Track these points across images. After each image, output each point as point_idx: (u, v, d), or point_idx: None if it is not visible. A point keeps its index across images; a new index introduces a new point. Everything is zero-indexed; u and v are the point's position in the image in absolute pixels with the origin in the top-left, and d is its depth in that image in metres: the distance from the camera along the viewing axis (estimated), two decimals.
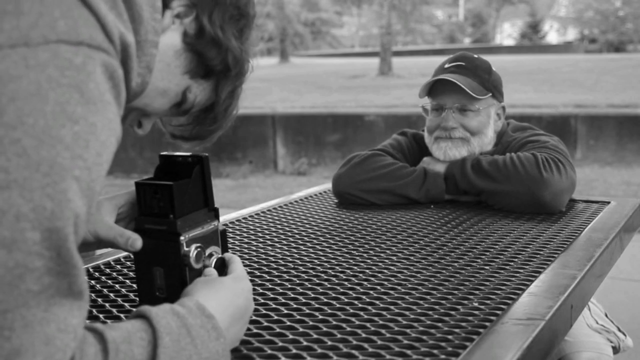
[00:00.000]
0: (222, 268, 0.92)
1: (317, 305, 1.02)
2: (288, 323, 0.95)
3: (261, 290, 1.10)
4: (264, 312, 1.00)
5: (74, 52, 0.63)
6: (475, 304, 1.00)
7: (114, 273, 1.22)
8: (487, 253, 1.28)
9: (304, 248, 1.36)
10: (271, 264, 1.26)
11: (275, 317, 0.98)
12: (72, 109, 0.61)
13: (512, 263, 1.21)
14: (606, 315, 1.65)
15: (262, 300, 1.05)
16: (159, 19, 0.81)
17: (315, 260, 1.26)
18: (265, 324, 0.95)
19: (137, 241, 0.89)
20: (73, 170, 0.60)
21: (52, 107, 0.60)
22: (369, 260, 1.25)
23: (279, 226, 1.56)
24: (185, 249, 0.89)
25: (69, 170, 0.60)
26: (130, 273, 1.21)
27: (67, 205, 0.60)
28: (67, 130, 0.61)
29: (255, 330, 0.92)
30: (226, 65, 0.88)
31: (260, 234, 1.49)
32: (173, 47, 0.85)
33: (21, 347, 0.56)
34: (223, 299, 0.81)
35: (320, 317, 0.97)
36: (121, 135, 0.69)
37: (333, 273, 1.18)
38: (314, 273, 1.19)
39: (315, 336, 0.90)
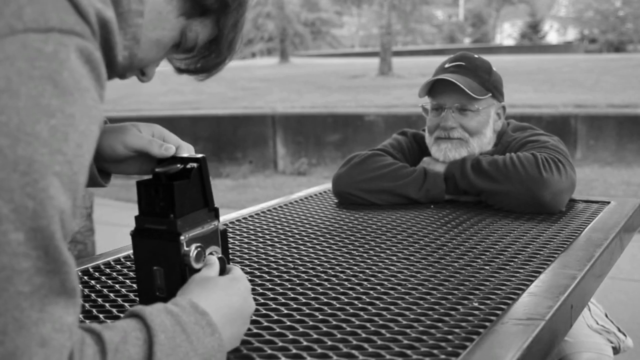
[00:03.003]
0: (223, 268, 0.92)
1: (317, 306, 1.02)
2: (288, 323, 0.95)
3: (261, 290, 1.10)
4: (264, 312, 1.00)
5: (43, 40, 0.60)
6: (475, 304, 1.00)
7: (114, 273, 1.22)
8: (487, 253, 1.28)
9: (304, 248, 1.36)
10: (271, 264, 1.26)
11: (275, 317, 0.98)
12: (47, 102, 0.59)
13: (512, 263, 1.21)
14: (606, 316, 1.65)
15: (262, 300, 1.05)
16: None
17: (315, 260, 1.26)
18: (265, 324, 0.95)
19: (170, 148, 0.89)
20: (53, 166, 0.59)
21: (24, 102, 0.58)
22: (369, 260, 1.25)
23: (279, 226, 1.56)
24: (186, 248, 0.89)
25: (49, 166, 0.58)
26: (130, 273, 1.21)
27: (50, 202, 0.58)
28: (43, 125, 0.58)
29: (255, 330, 0.92)
30: (223, 1, 0.85)
31: (260, 234, 1.49)
32: None
33: (16, 350, 0.55)
34: (216, 298, 0.80)
35: (320, 317, 0.97)
36: (103, 120, 0.67)
37: (333, 273, 1.18)
38: (314, 273, 1.19)
39: (315, 336, 0.90)
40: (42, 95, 0.59)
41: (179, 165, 0.91)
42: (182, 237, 0.88)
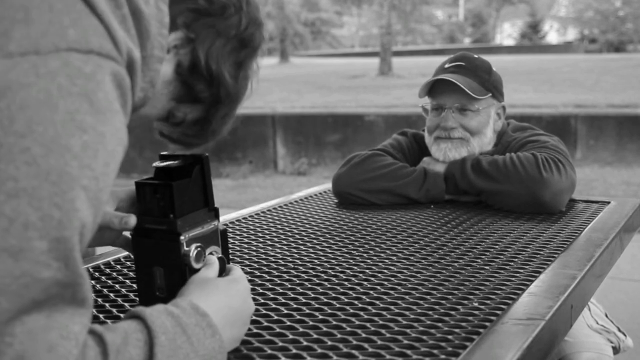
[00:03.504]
0: (222, 268, 0.92)
1: (317, 305, 1.02)
2: (288, 323, 0.95)
3: (261, 290, 1.10)
4: (264, 312, 1.00)
5: (84, 60, 0.63)
6: (475, 304, 1.00)
7: (114, 273, 1.22)
8: (487, 253, 1.28)
9: (304, 248, 1.36)
10: (271, 264, 1.26)
11: (275, 317, 0.98)
12: (82, 118, 0.62)
13: (512, 263, 1.21)
14: (606, 316, 1.65)
15: (262, 300, 1.05)
16: (166, 35, 0.81)
17: (315, 260, 1.26)
18: (265, 324, 0.95)
19: (130, 218, 0.89)
20: (81, 179, 0.61)
21: (61, 116, 0.60)
22: (369, 260, 1.25)
23: (279, 226, 1.56)
24: (186, 248, 0.89)
25: (77, 179, 0.61)
26: (130, 273, 1.21)
27: (75, 214, 0.60)
28: (76, 139, 0.61)
29: (255, 330, 0.92)
30: (217, 98, 0.88)
31: (260, 234, 1.49)
32: (163, 77, 0.84)
33: (25, 354, 0.56)
34: (216, 300, 0.81)
35: (320, 317, 0.97)
36: (127, 144, 0.70)
37: (333, 273, 1.18)
38: (314, 273, 1.19)
39: (315, 336, 0.90)
40: (78, 111, 0.62)
41: (178, 162, 0.91)
42: (182, 237, 0.88)
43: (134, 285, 1.12)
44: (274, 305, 1.03)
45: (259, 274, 1.20)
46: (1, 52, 0.61)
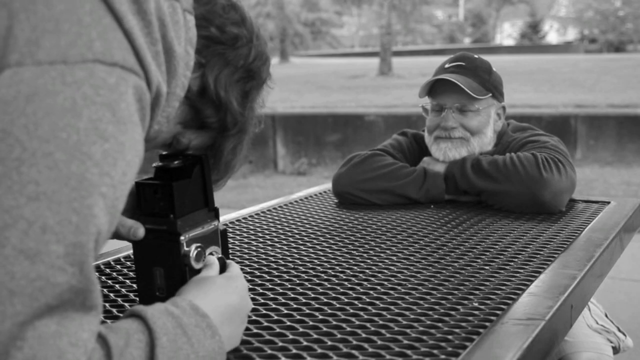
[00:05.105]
0: (222, 268, 0.92)
1: (317, 306, 1.02)
2: (288, 323, 0.95)
3: (261, 290, 1.10)
4: (264, 312, 1.00)
5: (108, 72, 0.66)
6: (475, 304, 1.00)
7: (114, 273, 1.22)
8: (487, 253, 1.28)
9: (304, 248, 1.36)
10: (271, 264, 1.26)
11: (275, 317, 0.98)
12: (104, 127, 0.63)
13: (512, 263, 1.21)
14: (606, 316, 1.65)
15: (262, 300, 1.05)
16: (189, 77, 0.83)
17: (315, 260, 1.26)
18: (265, 324, 0.95)
19: (139, 230, 0.89)
20: (100, 187, 0.62)
21: (85, 124, 0.62)
22: (369, 260, 1.25)
23: (279, 226, 1.56)
24: (186, 248, 0.89)
25: (97, 186, 0.62)
26: (130, 273, 1.21)
27: (92, 220, 0.61)
28: (98, 147, 0.63)
29: (255, 330, 0.92)
30: (223, 125, 0.90)
31: (260, 234, 1.49)
32: None
33: (34, 358, 0.57)
34: (214, 297, 0.81)
35: (320, 317, 0.97)
36: (143, 157, 0.71)
37: (333, 273, 1.18)
38: (314, 273, 1.19)
39: (315, 336, 0.90)
40: (100, 120, 0.64)
41: (177, 162, 0.92)
42: (182, 238, 0.88)
43: (134, 285, 1.12)
44: (273, 305, 1.03)
45: (259, 274, 1.20)
46: (31, 60, 0.63)
